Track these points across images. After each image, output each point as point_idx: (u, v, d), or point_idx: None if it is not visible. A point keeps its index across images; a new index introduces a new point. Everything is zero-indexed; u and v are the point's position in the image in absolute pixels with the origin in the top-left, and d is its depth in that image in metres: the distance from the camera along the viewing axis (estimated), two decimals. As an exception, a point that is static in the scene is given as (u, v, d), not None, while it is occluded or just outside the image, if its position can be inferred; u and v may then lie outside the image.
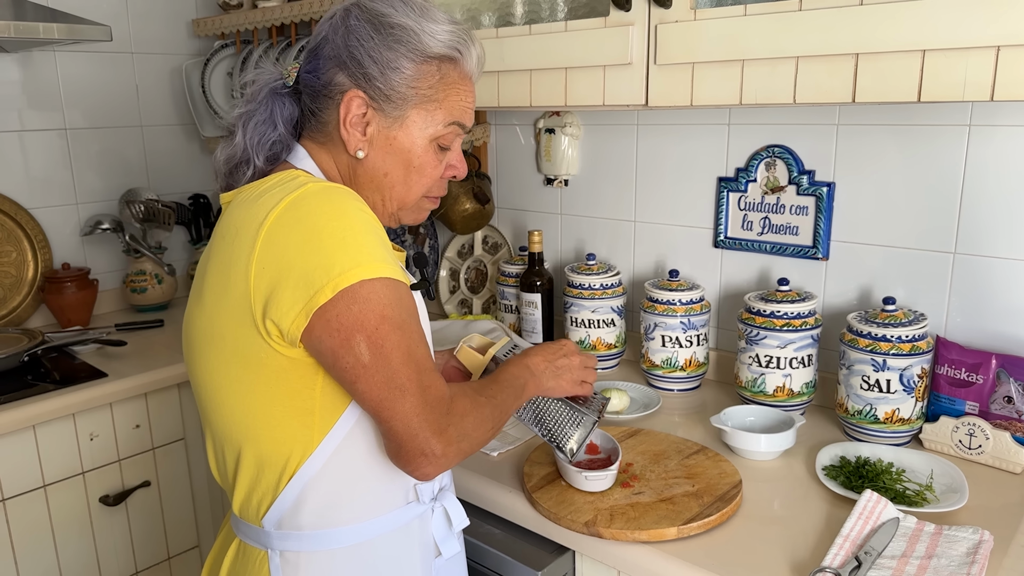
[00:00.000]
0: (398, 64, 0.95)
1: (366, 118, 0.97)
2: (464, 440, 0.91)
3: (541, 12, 1.55)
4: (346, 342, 0.86)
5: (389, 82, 0.96)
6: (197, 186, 2.53)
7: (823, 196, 1.49)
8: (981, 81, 0.97)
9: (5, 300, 2.14)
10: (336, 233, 0.86)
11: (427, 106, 0.98)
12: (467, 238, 2.16)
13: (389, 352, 0.87)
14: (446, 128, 1.00)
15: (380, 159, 0.99)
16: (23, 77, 2.11)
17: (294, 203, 0.88)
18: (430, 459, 0.88)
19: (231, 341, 0.91)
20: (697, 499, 1.15)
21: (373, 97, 0.96)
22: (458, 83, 1.00)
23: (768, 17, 1.12)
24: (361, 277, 0.85)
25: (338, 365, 0.87)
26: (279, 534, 0.97)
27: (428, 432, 0.88)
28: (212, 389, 0.96)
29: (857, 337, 1.33)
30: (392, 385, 0.87)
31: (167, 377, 1.86)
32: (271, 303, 0.86)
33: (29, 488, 1.69)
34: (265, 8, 2.09)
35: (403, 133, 0.98)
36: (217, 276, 0.92)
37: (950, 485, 1.18)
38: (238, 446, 0.96)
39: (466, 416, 0.92)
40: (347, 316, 0.85)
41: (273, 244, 0.87)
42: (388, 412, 0.88)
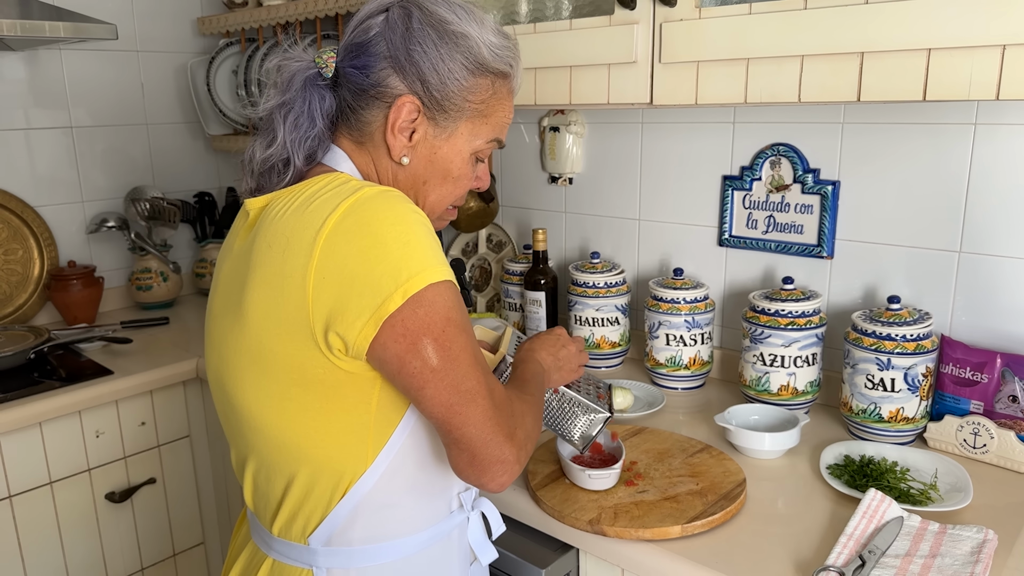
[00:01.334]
0: (458, 75, 0.93)
1: (414, 124, 0.94)
2: (529, 442, 0.90)
3: (546, 10, 1.55)
4: (413, 346, 0.82)
5: (446, 92, 0.93)
6: (202, 184, 2.53)
7: (828, 195, 1.49)
8: (987, 80, 0.97)
9: (11, 297, 2.15)
10: (400, 238, 0.82)
11: (476, 120, 0.96)
12: (471, 236, 2.16)
13: (457, 354, 0.84)
14: (487, 143, 0.99)
15: (421, 167, 0.97)
16: (29, 75, 2.12)
17: (353, 208, 0.83)
18: (506, 466, 0.85)
19: (284, 358, 0.86)
20: (701, 497, 1.15)
21: (427, 105, 0.93)
22: (505, 99, 0.99)
23: (773, 16, 1.12)
24: (428, 281, 0.82)
25: (405, 371, 0.83)
26: (326, 551, 0.94)
27: (501, 437, 0.85)
28: (258, 411, 0.91)
29: (862, 336, 1.33)
30: (461, 389, 0.84)
31: (173, 375, 1.87)
32: (336, 315, 0.82)
33: (35, 485, 1.69)
34: (270, 6, 2.09)
35: (448, 145, 0.96)
36: (265, 289, 0.86)
37: (954, 484, 1.18)
38: (289, 467, 0.92)
39: (526, 416, 0.91)
40: (413, 321, 0.82)
41: (334, 253, 0.82)
42: (460, 418, 0.84)
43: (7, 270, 2.13)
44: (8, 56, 2.08)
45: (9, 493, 1.66)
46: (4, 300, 2.13)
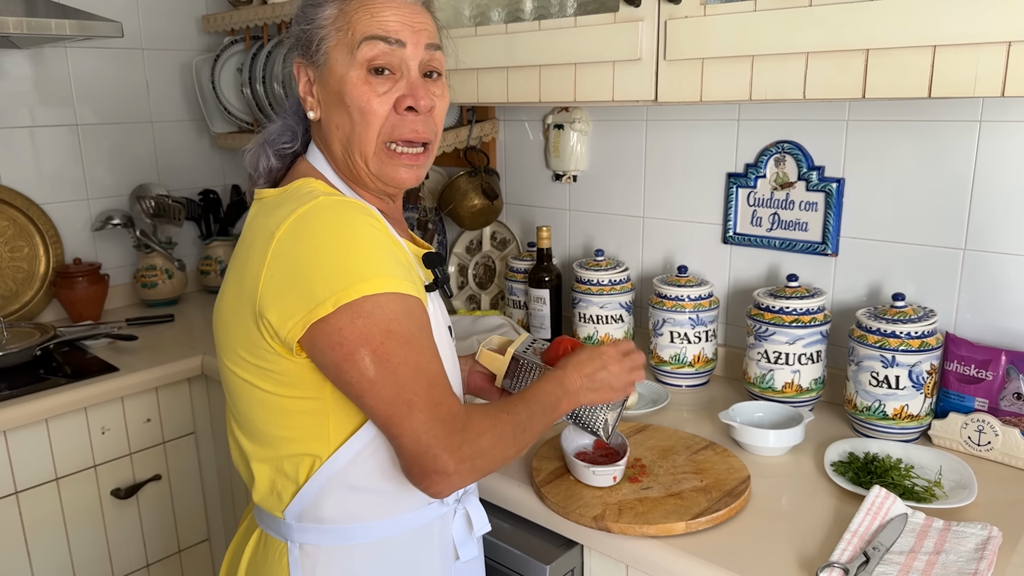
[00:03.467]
0: (312, 14, 0.98)
1: (311, 80, 1.00)
2: (479, 458, 0.89)
3: (550, 8, 1.55)
4: (350, 356, 0.85)
5: (307, 33, 0.98)
6: (207, 182, 2.54)
7: (832, 192, 1.49)
8: (992, 77, 0.97)
9: (17, 295, 2.15)
10: (341, 248, 0.87)
11: (340, 35, 0.96)
12: (475, 234, 2.16)
13: (396, 366, 0.86)
14: (364, 46, 0.94)
15: (328, 113, 0.99)
16: (34, 73, 2.13)
17: (304, 216, 0.89)
18: (442, 477, 0.86)
19: (243, 340, 0.93)
20: (705, 494, 1.15)
21: (303, 55, 1.00)
22: (368, 3, 0.96)
23: (778, 13, 1.12)
24: (365, 292, 0.85)
25: (342, 379, 0.87)
26: (300, 527, 0.98)
27: (439, 448, 0.86)
28: (233, 383, 0.98)
29: (866, 333, 1.33)
30: (400, 400, 0.86)
31: (178, 371, 1.87)
32: (272, 308, 0.88)
33: (42, 481, 1.70)
34: (275, 4, 2.09)
35: (330, 74, 0.97)
36: (234, 279, 0.95)
37: (959, 481, 1.18)
38: (259, 442, 0.98)
39: (483, 434, 0.89)
40: (351, 330, 0.85)
41: (282, 254, 0.88)
42: (397, 428, 0.86)
43: (13, 267, 2.14)
44: (14, 54, 2.09)
45: (16, 489, 1.66)
46: (10, 297, 2.14)
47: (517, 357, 1.17)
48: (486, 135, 2.02)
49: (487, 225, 2.07)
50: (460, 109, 2.00)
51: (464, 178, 1.97)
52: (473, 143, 2.00)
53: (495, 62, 1.50)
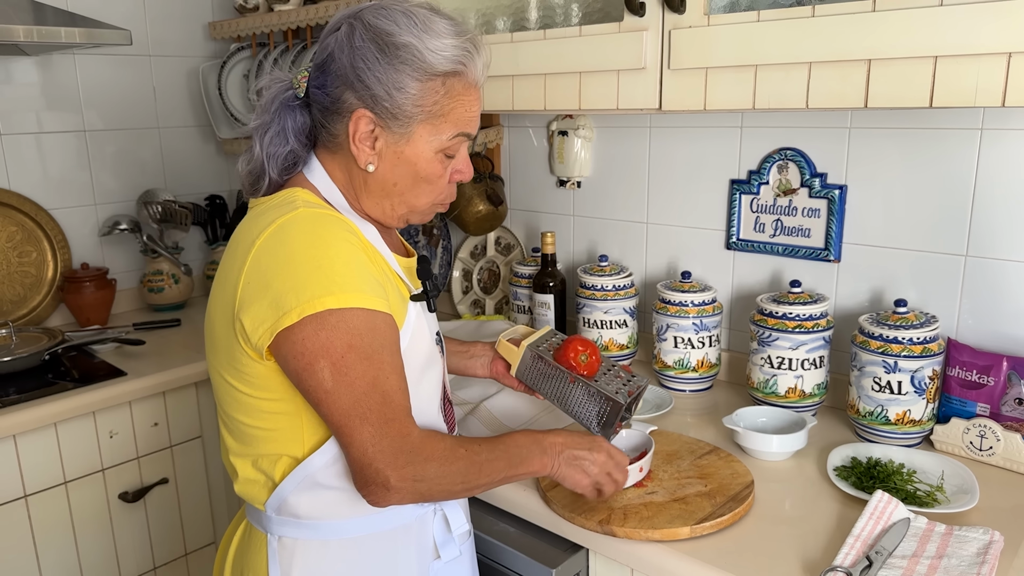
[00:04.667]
0: (403, 85, 0.95)
1: (374, 134, 0.99)
2: (422, 482, 0.92)
3: (555, 17, 1.57)
4: (309, 366, 0.89)
5: (395, 102, 0.96)
6: (213, 187, 2.56)
7: (835, 199, 1.50)
8: (992, 87, 0.98)
9: (25, 299, 2.17)
10: (312, 261, 0.90)
11: (433, 121, 0.99)
12: (480, 239, 2.18)
13: (353, 380, 0.90)
14: (451, 140, 1.01)
15: (389, 171, 1.01)
16: (42, 80, 2.15)
17: (281, 227, 0.93)
18: (382, 490, 0.91)
19: (223, 343, 0.98)
20: (710, 499, 1.16)
21: (379, 115, 0.97)
22: (463, 94, 1.00)
23: (781, 23, 1.14)
24: (330, 305, 0.88)
25: (302, 387, 0.92)
26: (279, 519, 1.02)
27: (381, 464, 0.90)
28: (217, 383, 1.03)
29: (868, 339, 1.34)
30: (353, 413, 0.90)
31: (184, 376, 1.89)
32: (246, 315, 0.92)
33: (50, 485, 1.72)
34: (281, 11, 2.11)
35: (410, 148, 1.00)
36: (219, 283, 0.99)
37: (961, 486, 1.19)
38: (238, 437, 1.02)
39: (430, 461, 0.92)
40: (313, 341, 0.89)
41: (258, 262, 0.92)
42: (347, 438, 0.91)
43: (21, 272, 2.16)
44: (22, 61, 2.11)
45: (24, 493, 1.68)
46: (18, 302, 2.16)
47: (531, 350, 1.20)
48: (491, 142, 2.04)
49: (492, 231, 2.08)
50: (465, 116, 2.01)
51: (469, 184, 1.98)
52: (478, 149, 2.01)
53: (500, 70, 1.52)
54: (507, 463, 1.01)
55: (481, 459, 0.98)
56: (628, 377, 1.21)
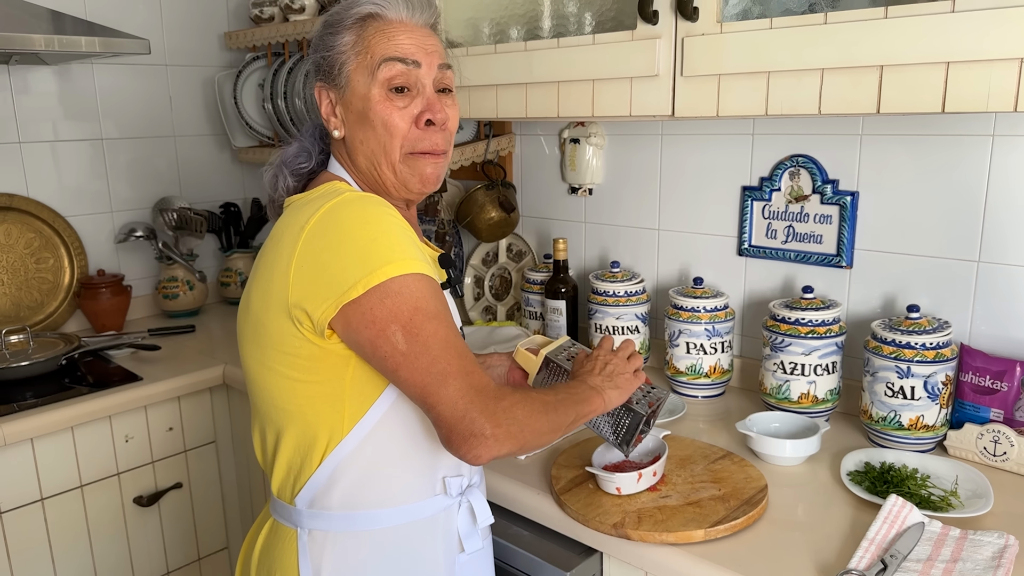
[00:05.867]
0: (331, 42, 1.04)
1: (331, 101, 1.06)
2: (515, 425, 0.92)
3: (568, 26, 1.58)
4: (382, 332, 0.91)
5: (328, 59, 1.05)
6: (228, 195, 2.58)
7: (847, 205, 1.51)
8: (1005, 92, 0.99)
9: (42, 305, 2.20)
10: (368, 235, 0.93)
11: (360, 59, 1.03)
12: (492, 246, 2.19)
13: (427, 339, 0.91)
14: (383, 67, 1.01)
15: (352, 131, 1.06)
16: (60, 89, 2.18)
17: (331, 210, 0.96)
18: (480, 440, 0.89)
19: (271, 331, 0.99)
20: (723, 503, 1.17)
21: (324, 80, 1.06)
22: (383, 28, 1.03)
23: (794, 30, 1.15)
24: (391, 274, 0.91)
25: (377, 355, 0.93)
26: (309, 513, 1.03)
27: (475, 412, 0.89)
28: (256, 375, 1.04)
29: (881, 344, 1.35)
30: (433, 370, 0.91)
31: (199, 381, 1.90)
32: (305, 296, 0.94)
33: (67, 488, 1.73)
34: (296, 22, 2.14)
35: (352, 94, 1.04)
36: (263, 272, 1.00)
37: (975, 491, 1.19)
38: (278, 428, 1.04)
39: (516, 405, 0.93)
40: (380, 309, 0.91)
41: (311, 246, 0.94)
42: (434, 397, 0.91)
43: (39, 278, 2.19)
44: (41, 70, 2.14)
45: (41, 496, 1.70)
46: (35, 308, 2.18)
47: (549, 359, 1.21)
48: (503, 149, 2.05)
49: (504, 237, 2.10)
50: (477, 124, 2.04)
51: (481, 191, 2.00)
52: (490, 157, 2.03)
53: (514, 78, 1.53)
54: (573, 403, 1.04)
55: (551, 400, 1.00)
56: (648, 388, 1.20)
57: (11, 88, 2.09)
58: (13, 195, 2.12)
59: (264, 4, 2.25)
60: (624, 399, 1.13)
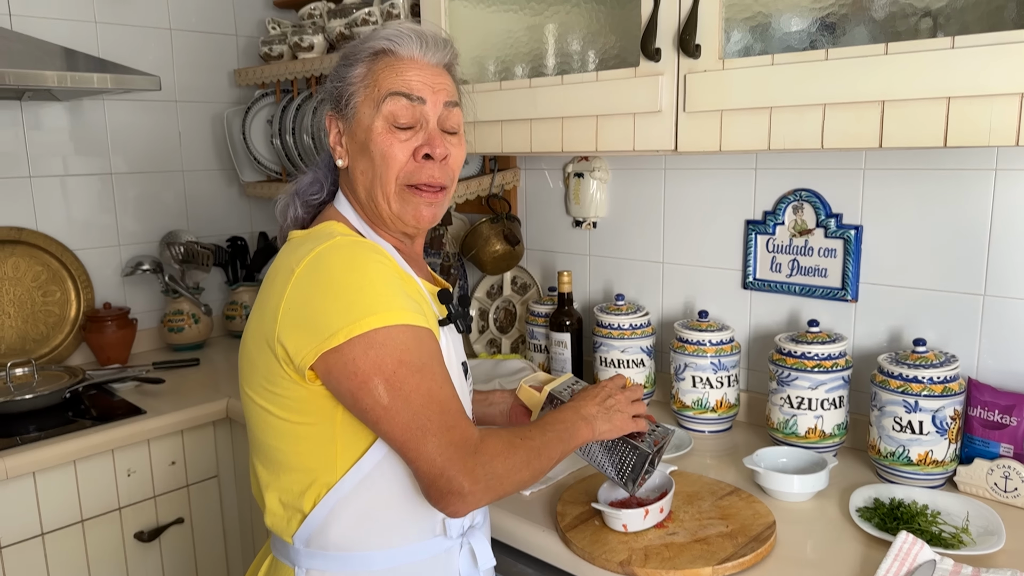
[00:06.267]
0: (344, 74, 1.07)
1: (340, 132, 1.08)
2: (493, 479, 0.93)
3: (572, 63, 1.61)
4: (364, 385, 0.91)
5: (339, 90, 1.07)
6: (235, 229, 2.60)
7: (851, 239, 1.51)
8: (1006, 127, 1.00)
9: (48, 338, 2.20)
10: (354, 283, 0.94)
11: (367, 91, 1.04)
12: (496, 279, 2.20)
13: (409, 394, 0.91)
14: (388, 101, 1.03)
15: (353, 161, 1.07)
16: (71, 124, 2.21)
17: (320, 254, 0.96)
18: (458, 497, 0.91)
19: (261, 368, 1.00)
20: (731, 540, 1.15)
21: (334, 109, 1.08)
22: (394, 64, 1.04)
23: (795, 66, 1.16)
24: (375, 325, 0.91)
25: (359, 406, 0.93)
26: (307, 552, 1.03)
27: (453, 469, 0.91)
28: (250, 412, 1.05)
29: (888, 378, 1.34)
30: (414, 426, 0.91)
31: (203, 415, 1.90)
32: (289, 338, 0.94)
33: (68, 523, 1.72)
34: (305, 59, 2.17)
35: (358, 125, 1.05)
36: (257, 310, 1.02)
37: (986, 528, 1.18)
38: (272, 466, 1.03)
39: (496, 458, 0.94)
40: (364, 361, 0.91)
41: (299, 289, 0.95)
42: (413, 452, 0.92)
43: (45, 311, 2.19)
44: (53, 106, 2.17)
45: (42, 531, 1.68)
46: (41, 341, 2.19)
47: (553, 396, 1.20)
48: (508, 183, 2.07)
49: (508, 270, 2.10)
50: (483, 158, 2.05)
51: (486, 224, 2.01)
52: (495, 191, 2.04)
53: (519, 114, 1.55)
54: (559, 440, 1.04)
55: (537, 444, 1.00)
56: (653, 427, 1.20)
57: (23, 124, 2.13)
58: (22, 228, 2.14)
59: (273, 42, 2.29)
60: (614, 435, 1.13)
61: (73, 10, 2.17)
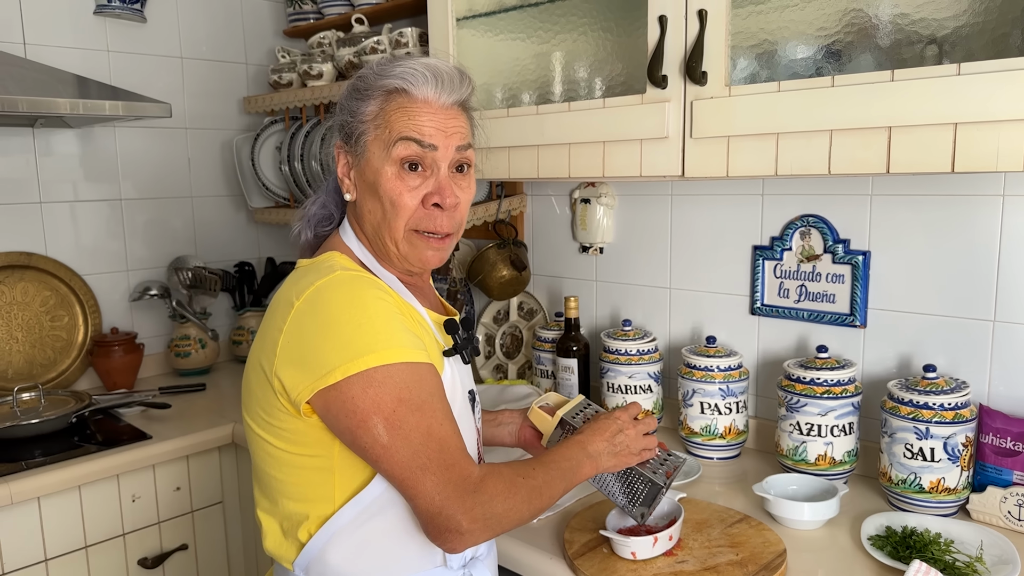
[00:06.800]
0: (355, 107, 1.05)
1: (348, 163, 1.07)
2: (492, 519, 0.93)
3: (579, 91, 1.62)
4: (363, 423, 0.91)
5: (350, 124, 1.06)
6: (243, 254, 2.61)
7: (859, 264, 1.51)
8: (1014, 152, 1.00)
9: (55, 363, 2.20)
10: (353, 320, 0.93)
11: (379, 132, 1.03)
12: (503, 304, 2.20)
13: (408, 432, 0.91)
14: (399, 146, 1.01)
15: (362, 198, 1.06)
16: (82, 151, 2.23)
17: (318, 289, 0.96)
18: (456, 536, 0.91)
19: (260, 398, 1.00)
20: (742, 568, 1.13)
21: (345, 141, 1.07)
22: (408, 106, 1.02)
23: (802, 93, 1.17)
24: (374, 363, 0.91)
25: (357, 444, 0.93)
26: None
27: (452, 508, 0.90)
28: (251, 438, 1.05)
29: (899, 405, 1.33)
30: (413, 464, 0.91)
31: (208, 440, 1.89)
32: (285, 372, 0.95)
33: (72, 548, 1.71)
34: (314, 87, 2.20)
35: (367, 165, 1.04)
36: (259, 340, 1.02)
37: (1001, 556, 1.16)
38: (271, 494, 1.03)
39: (495, 498, 0.93)
40: (363, 399, 0.91)
41: (297, 323, 0.95)
42: (412, 491, 0.92)
43: (53, 336, 2.20)
44: (64, 133, 2.20)
45: (45, 557, 1.67)
46: (48, 365, 2.19)
47: (565, 420, 1.19)
48: (514, 209, 2.08)
49: (515, 296, 2.10)
50: (490, 184, 2.07)
51: (493, 250, 2.02)
52: (502, 216, 2.05)
53: (526, 140, 1.56)
54: (562, 478, 1.04)
55: (539, 482, 1.00)
56: (665, 455, 1.19)
57: (35, 150, 2.15)
58: (32, 254, 2.16)
59: (283, 70, 2.32)
60: (618, 469, 1.13)
61: (86, 39, 2.21)
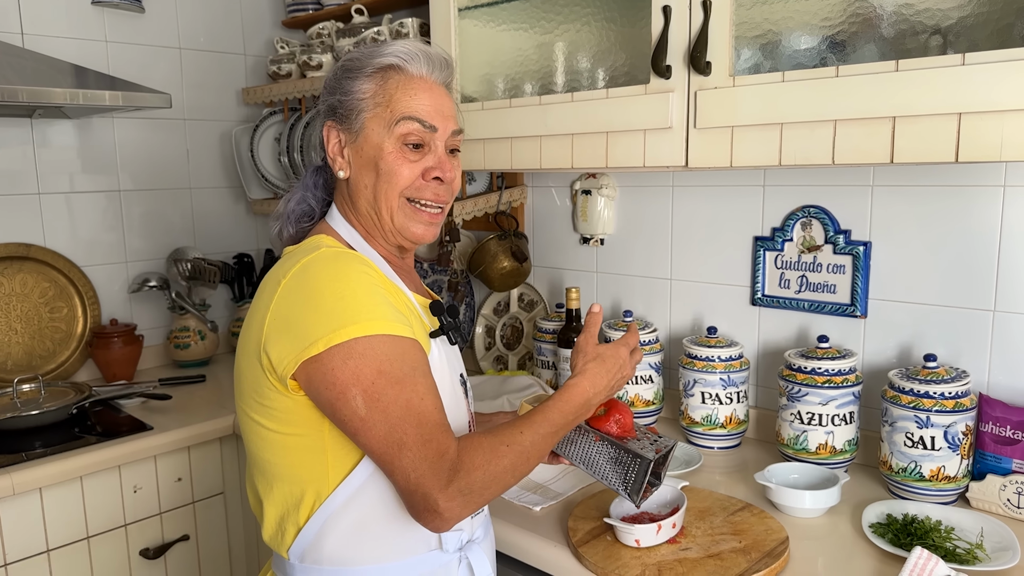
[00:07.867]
0: (350, 88, 1.06)
1: (340, 141, 1.08)
2: (471, 494, 0.91)
3: (582, 81, 1.62)
4: (343, 395, 0.91)
5: (344, 104, 1.06)
6: (242, 246, 2.61)
7: (860, 255, 1.51)
8: (1018, 142, 1.00)
9: (55, 354, 2.20)
10: (336, 293, 0.94)
11: (377, 110, 1.05)
12: (503, 295, 2.20)
13: (387, 406, 0.91)
14: (401, 124, 1.04)
15: (358, 174, 1.07)
16: (80, 142, 2.22)
17: (305, 266, 0.98)
18: (433, 514, 0.91)
19: (250, 380, 1.01)
20: (745, 555, 1.14)
21: (338, 120, 1.08)
22: (406, 84, 1.05)
23: (806, 83, 1.17)
24: (355, 334, 0.91)
25: (337, 416, 0.93)
26: (302, 567, 1.03)
27: (427, 486, 0.89)
28: (244, 422, 1.05)
29: (899, 394, 1.34)
30: (391, 439, 0.91)
31: (209, 431, 1.89)
32: (272, 347, 0.96)
33: (73, 539, 1.71)
34: (313, 78, 2.19)
35: (365, 141, 1.06)
36: (246, 324, 1.03)
37: (1001, 544, 1.17)
38: (266, 479, 1.04)
39: (475, 471, 0.92)
40: (342, 371, 0.91)
41: (284, 300, 0.97)
42: (389, 466, 0.92)
43: (52, 328, 2.19)
44: (62, 124, 2.19)
45: (47, 547, 1.67)
46: (47, 357, 2.18)
47: None
48: (515, 200, 2.08)
49: (516, 287, 2.11)
50: (490, 175, 2.07)
51: (494, 241, 2.02)
52: (503, 208, 2.05)
53: (529, 131, 1.56)
54: (553, 435, 1.01)
55: (526, 444, 0.97)
56: (655, 437, 1.19)
57: (33, 141, 2.14)
58: (30, 245, 2.15)
59: (282, 61, 2.31)
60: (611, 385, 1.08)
61: (84, 29, 2.19)
